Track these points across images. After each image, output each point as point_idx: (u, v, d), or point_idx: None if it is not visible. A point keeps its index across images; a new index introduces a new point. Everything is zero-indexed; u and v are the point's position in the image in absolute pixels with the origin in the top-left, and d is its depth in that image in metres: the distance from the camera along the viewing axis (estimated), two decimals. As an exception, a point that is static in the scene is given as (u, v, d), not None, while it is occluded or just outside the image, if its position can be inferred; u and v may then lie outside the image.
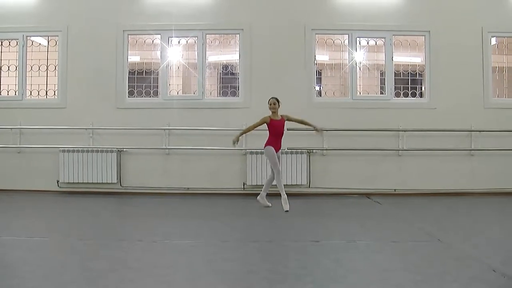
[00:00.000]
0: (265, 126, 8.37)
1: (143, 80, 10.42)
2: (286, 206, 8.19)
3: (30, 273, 4.63)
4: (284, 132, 8.46)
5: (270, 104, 8.34)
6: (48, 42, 10.47)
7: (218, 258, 5.27)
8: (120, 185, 10.10)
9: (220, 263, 5.05)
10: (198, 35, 10.21)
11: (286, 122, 8.48)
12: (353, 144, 10.06)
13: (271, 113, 8.34)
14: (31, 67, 10.34)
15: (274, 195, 8.56)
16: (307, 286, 4.32)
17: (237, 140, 8.41)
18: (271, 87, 9.99)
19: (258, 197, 8.62)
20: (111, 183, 10.00)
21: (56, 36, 10.28)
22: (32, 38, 10.46)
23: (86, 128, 10.10)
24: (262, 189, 8.62)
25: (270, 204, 8.52)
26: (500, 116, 10.12)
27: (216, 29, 10.35)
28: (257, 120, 8.36)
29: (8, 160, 10.18)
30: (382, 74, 10.66)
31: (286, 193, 8.30)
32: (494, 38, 10.45)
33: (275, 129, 8.34)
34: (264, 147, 8.40)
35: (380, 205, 9.07)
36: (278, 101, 8.38)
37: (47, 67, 10.35)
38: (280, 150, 8.50)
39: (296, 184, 9.89)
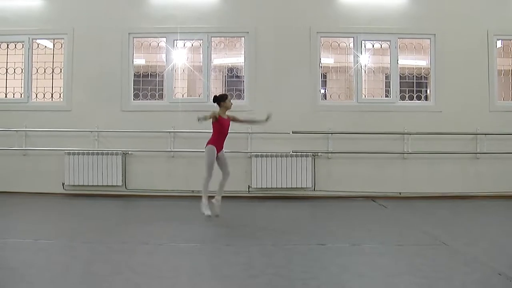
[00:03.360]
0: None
1: (148, 83, 10.43)
2: (207, 211, 7.72)
3: (36, 276, 4.65)
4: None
5: (230, 101, 7.90)
6: (54, 44, 10.50)
7: (223, 262, 5.28)
8: (125, 187, 10.11)
9: (225, 267, 5.05)
10: (203, 38, 10.23)
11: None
12: (358, 147, 10.05)
13: (221, 110, 7.83)
14: (37, 70, 10.37)
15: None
16: (312, 290, 4.32)
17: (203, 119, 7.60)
18: (276, 90, 10.03)
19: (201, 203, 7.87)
20: (116, 185, 10.01)
21: (61, 38, 10.31)
22: (38, 41, 10.48)
23: (91, 131, 10.11)
24: (217, 193, 7.99)
25: (210, 213, 7.74)
26: (505, 119, 10.09)
27: (221, 32, 10.35)
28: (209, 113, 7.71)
29: (14, 162, 10.21)
30: (387, 77, 10.65)
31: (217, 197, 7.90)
32: (500, 41, 10.42)
33: (224, 128, 7.83)
34: (207, 145, 7.80)
35: (385, 208, 9.06)
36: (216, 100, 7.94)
37: (52, 69, 10.38)
38: (222, 151, 7.95)
39: (301, 187, 9.87)
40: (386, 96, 10.51)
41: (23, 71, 10.36)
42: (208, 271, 4.97)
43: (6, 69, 10.43)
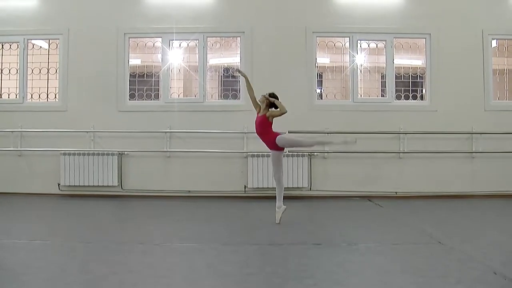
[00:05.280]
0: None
1: (144, 83, 10.42)
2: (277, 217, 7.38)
3: (32, 277, 4.63)
4: (261, 131, 7.48)
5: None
6: (49, 45, 10.48)
7: (219, 261, 5.28)
8: (121, 188, 10.09)
9: (221, 266, 5.04)
10: (199, 38, 10.23)
11: (269, 118, 7.41)
12: (354, 146, 10.00)
13: (266, 108, 7.53)
14: (32, 70, 10.34)
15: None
16: (308, 289, 4.32)
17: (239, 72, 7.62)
18: (272, 90, 9.99)
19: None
20: (112, 186, 9.99)
21: (57, 39, 10.28)
22: (33, 41, 10.45)
23: (87, 131, 10.09)
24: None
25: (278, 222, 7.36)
26: (500, 119, 10.11)
27: (217, 32, 10.35)
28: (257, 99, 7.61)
29: (9, 163, 10.17)
30: (383, 76, 10.66)
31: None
32: (495, 40, 10.46)
33: (255, 125, 7.59)
34: None
35: (381, 207, 9.06)
36: (272, 96, 7.55)
37: (48, 70, 10.36)
38: (272, 151, 7.51)
39: (297, 187, 9.87)
40: (382, 95, 10.53)
41: (18, 71, 10.33)
42: (205, 269, 4.96)
43: (1, 70, 10.41)
